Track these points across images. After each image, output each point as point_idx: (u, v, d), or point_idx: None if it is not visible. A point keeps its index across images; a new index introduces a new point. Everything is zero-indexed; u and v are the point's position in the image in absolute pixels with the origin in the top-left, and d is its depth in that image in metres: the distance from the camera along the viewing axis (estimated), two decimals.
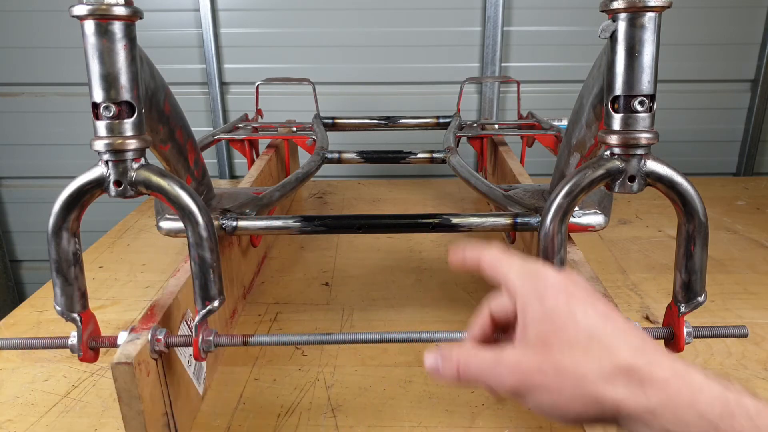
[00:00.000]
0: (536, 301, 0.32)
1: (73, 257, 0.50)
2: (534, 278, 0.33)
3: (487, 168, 1.26)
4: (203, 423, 0.59)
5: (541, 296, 0.32)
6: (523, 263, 0.34)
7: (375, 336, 0.52)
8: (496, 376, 0.31)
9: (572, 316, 0.31)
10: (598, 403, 0.29)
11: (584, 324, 0.30)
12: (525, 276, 0.33)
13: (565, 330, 0.30)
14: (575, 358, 0.30)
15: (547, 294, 0.32)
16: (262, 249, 0.95)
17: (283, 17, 1.51)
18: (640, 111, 0.49)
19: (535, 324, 0.31)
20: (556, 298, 0.31)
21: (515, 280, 0.34)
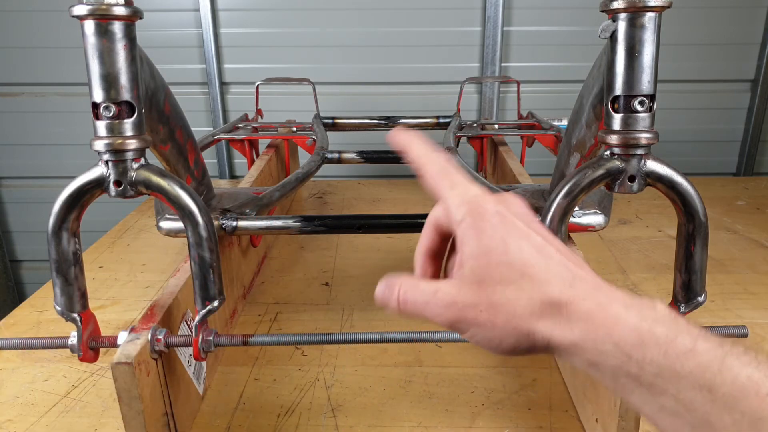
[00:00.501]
0: (473, 236, 0.32)
1: (73, 257, 0.50)
2: (473, 211, 0.32)
3: (487, 168, 1.25)
4: (203, 423, 0.59)
5: (479, 231, 0.32)
6: (464, 190, 0.34)
7: (375, 336, 0.52)
8: (432, 310, 0.32)
9: (507, 252, 0.31)
10: (529, 337, 0.30)
11: (518, 259, 0.31)
12: (464, 207, 0.33)
13: (499, 266, 0.31)
14: (507, 295, 0.30)
15: (485, 229, 0.32)
16: (262, 249, 0.95)
17: (283, 17, 1.51)
18: (640, 111, 0.49)
19: (471, 260, 0.31)
20: (493, 233, 0.31)
21: (454, 209, 0.33)
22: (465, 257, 0.32)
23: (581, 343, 0.29)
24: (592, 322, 0.29)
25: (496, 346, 0.31)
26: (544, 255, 0.31)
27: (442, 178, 0.35)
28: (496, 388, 0.63)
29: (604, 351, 0.29)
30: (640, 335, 0.28)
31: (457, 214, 0.33)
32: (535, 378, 0.65)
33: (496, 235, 0.31)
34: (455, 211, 0.33)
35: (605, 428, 0.52)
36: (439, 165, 0.35)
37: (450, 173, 0.35)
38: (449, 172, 0.35)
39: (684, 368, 0.27)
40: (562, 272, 0.31)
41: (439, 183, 0.35)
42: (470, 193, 0.33)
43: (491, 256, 0.31)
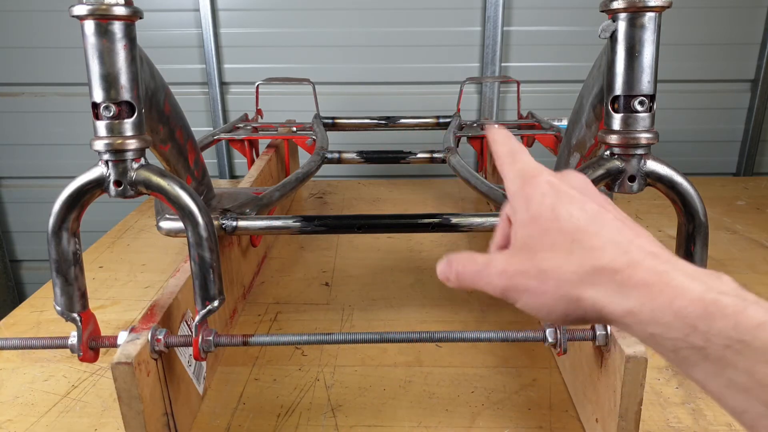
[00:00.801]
0: (523, 205, 0.31)
1: (73, 257, 0.50)
2: (525, 181, 0.32)
3: (487, 168, 1.26)
4: (203, 423, 0.59)
5: (528, 200, 0.31)
6: (523, 165, 0.33)
7: (375, 336, 0.52)
8: (485, 279, 0.32)
9: (556, 218, 0.30)
10: (579, 304, 0.29)
11: (568, 226, 0.30)
12: (518, 179, 0.33)
13: (549, 233, 0.30)
14: (556, 261, 0.30)
15: (534, 197, 0.31)
16: (262, 249, 0.95)
17: (283, 17, 1.51)
18: (640, 111, 0.49)
19: (521, 228, 0.31)
20: (542, 201, 0.31)
21: (510, 183, 0.33)
22: (516, 226, 0.32)
23: (637, 312, 0.28)
24: (649, 291, 0.27)
25: (547, 313, 0.31)
26: (597, 221, 0.30)
27: (507, 157, 0.35)
28: (496, 388, 0.63)
29: (664, 322, 0.27)
30: (705, 306, 0.26)
31: (512, 185, 0.33)
32: (535, 378, 0.65)
33: (545, 201, 0.31)
34: (511, 184, 0.33)
35: (605, 428, 0.52)
36: (508, 147, 0.35)
37: (516, 154, 0.34)
38: (515, 152, 0.34)
39: (757, 340, 0.25)
40: (616, 238, 0.29)
41: (503, 162, 0.35)
42: (528, 166, 0.33)
43: (540, 222, 0.31)
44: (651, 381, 0.64)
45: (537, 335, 0.52)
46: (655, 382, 0.64)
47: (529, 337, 0.52)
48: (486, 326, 0.76)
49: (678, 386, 0.63)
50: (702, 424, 0.58)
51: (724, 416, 0.59)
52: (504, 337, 0.52)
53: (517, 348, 0.71)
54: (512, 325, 0.76)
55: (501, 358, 0.69)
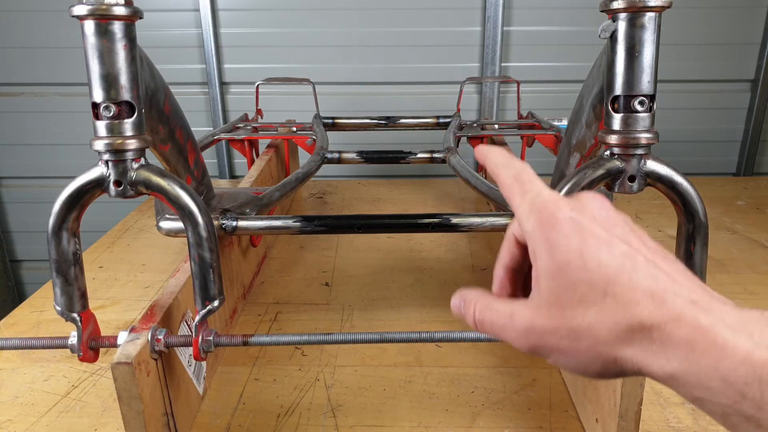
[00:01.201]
0: (546, 250, 0.28)
1: (73, 257, 0.50)
2: (543, 219, 0.29)
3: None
4: (203, 423, 0.59)
5: (552, 245, 0.28)
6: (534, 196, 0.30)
7: (375, 336, 0.52)
8: (509, 335, 0.30)
9: (585, 267, 0.27)
10: (617, 364, 0.27)
11: (598, 275, 0.27)
12: (535, 215, 0.29)
13: (578, 285, 0.27)
14: (588, 318, 0.27)
15: (558, 241, 0.28)
16: (262, 249, 0.95)
17: (283, 17, 1.51)
18: (640, 111, 0.49)
19: (547, 278, 0.28)
20: (568, 246, 0.28)
21: (524, 218, 0.30)
22: (540, 273, 0.29)
23: (681, 375, 0.25)
24: (692, 351, 0.24)
25: (582, 371, 0.29)
26: (628, 267, 0.27)
27: (513, 185, 0.32)
28: (496, 388, 0.63)
29: (711, 386, 0.24)
30: (754, 369, 0.23)
31: (527, 223, 0.30)
32: (535, 378, 0.65)
33: (571, 246, 0.28)
34: (525, 221, 0.30)
35: (605, 428, 0.52)
36: (512, 171, 0.32)
37: (522, 180, 0.31)
38: (522, 178, 0.32)
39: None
40: (651, 286, 0.26)
41: (510, 191, 0.32)
42: (541, 198, 0.30)
43: (567, 272, 0.27)
44: (651, 381, 0.63)
45: None
46: (655, 382, 0.64)
47: None
48: None
49: None
50: (702, 424, 0.58)
51: None
52: None
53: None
54: None
55: (501, 358, 0.69)
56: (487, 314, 0.31)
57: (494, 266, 0.35)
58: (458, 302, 0.33)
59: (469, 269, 0.92)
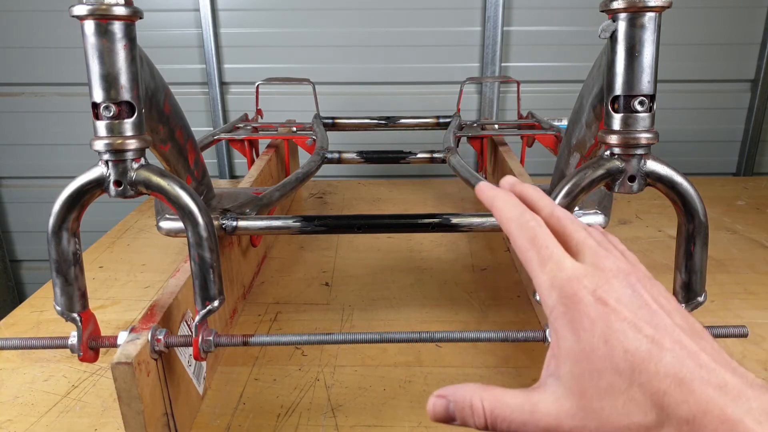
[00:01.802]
0: (570, 331, 0.27)
1: (73, 257, 0.50)
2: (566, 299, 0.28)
3: (487, 168, 1.26)
4: (203, 423, 0.59)
5: (574, 326, 0.27)
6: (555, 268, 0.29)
7: (375, 336, 0.52)
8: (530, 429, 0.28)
9: (610, 356, 0.26)
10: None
11: (624, 364, 0.26)
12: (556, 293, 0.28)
13: (603, 373, 0.26)
14: (617, 410, 0.26)
15: (581, 323, 0.27)
16: (262, 249, 0.95)
17: (283, 17, 1.51)
18: (640, 111, 0.49)
19: (570, 363, 0.27)
20: (593, 331, 0.26)
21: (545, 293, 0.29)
22: (562, 356, 0.28)
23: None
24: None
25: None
26: (655, 354, 0.26)
27: (529, 250, 0.30)
28: None
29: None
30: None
31: (548, 299, 0.29)
32: (535, 378, 0.65)
33: (595, 331, 0.26)
34: (546, 296, 0.29)
35: None
36: (528, 234, 0.30)
37: (539, 245, 0.30)
38: (539, 243, 0.30)
39: None
40: (679, 372, 0.25)
41: (527, 257, 0.30)
42: (563, 274, 0.28)
43: (592, 359, 0.26)
44: None
45: (537, 335, 0.52)
46: None
47: (529, 337, 0.52)
48: (486, 326, 0.76)
49: None
50: None
51: None
52: (504, 337, 0.52)
53: (517, 348, 0.71)
54: (512, 325, 0.76)
55: (501, 358, 0.69)
56: (500, 410, 0.28)
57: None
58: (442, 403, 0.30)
59: (469, 269, 0.92)
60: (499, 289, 0.85)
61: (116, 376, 0.46)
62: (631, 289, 0.28)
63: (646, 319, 0.27)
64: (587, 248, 0.30)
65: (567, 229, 0.32)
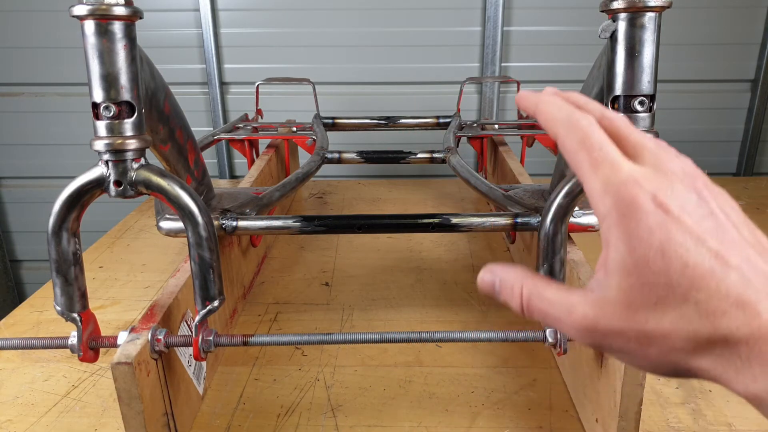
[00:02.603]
0: (624, 242, 0.24)
1: (73, 257, 0.50)
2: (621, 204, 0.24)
3: (487, 168, 1.25)
4: (203, 423, 0.59)
5: (630, 237, 0.24)
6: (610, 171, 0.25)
7: (375, 336, 0.52)
8: (566, 329, 0.26)
9: (667, 267, 0.23)
10: (691, 372, 0.24)
11: (681, 279, 0.23)
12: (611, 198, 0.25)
13: (656, 287, 0.23)
14: (664, 324, 0.24)
15: (639, 234, 0.24)
16: (262, 249, 0.95)
17: (283, 17, 1.51)
18: (640, 111, 0.49)
19: (619, 274, 0.25)
20: (650, 242, 0.24)
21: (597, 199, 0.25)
22: (612, 266, 0.25)
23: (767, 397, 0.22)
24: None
25: (648, 371, 0.26)
26: (718, 271, 0.23)
27: (579, 151, 0.27)
28: (496, 388, 0.63)
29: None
30: None
31: (601, 205, 0.25)
32: (535, 378, 0.65)
33: (653, 240, 0.24)
34: (598, 202, 0.26)
35: (605, 428, 0.52)
36: (578, 134, 0.27)
37: (592, 146, 0.26)
38: (591, 144, 0.26)
39: None
40: (742, 296, 0.22)
41: (577, 160, 0.27)
42: (619, 175, 0.25)
43: (645, 273, 0.24)
44: (651, 381, 0.64)
45: (537, 335, 0.52)
46: (655, 382, 0.64)
47: (529, 337, 0.52)
48: (486, 326, 0.76)
49: (678, 386, 0.63)
50: (702, 424, 0.58)
51: (724, 416, 0.59)
52: (504, 337, 0.52)
53: (517, 348, 0.71)
54: (512, 325, 0.76)
55: (501, 358, 0.69)
56: (538, 304, 0.27)
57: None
58: (491, 279, 0.29)
59: (469, 269, 0.92)
60: None
61: (116, 376, 0.46)
62: (697, 195, 0.25)
63: (711, 232, 0.24)
64: (646, 150, 0.27)
65: (622, 130, 0.28)
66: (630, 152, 0.27)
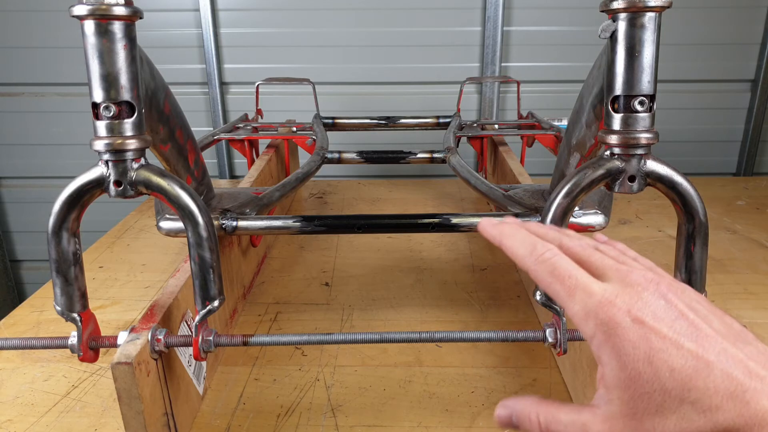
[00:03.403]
0: (613, 358, 0.27)
1: (73, 257, 0.50)
2: (605, 327, 0.28)
3: (487, 168, 1.26)
4: (203, 423, 0.59)
5: (616, 352, 0.27)
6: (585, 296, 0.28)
7: (375, 336, 0.52)
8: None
9: (657, 376, 0.26)
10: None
11: (672, 385, 0.26)
12: (592, 321, 0.28)
13: (653, 394, 0.26)
14: (668, 426, 0.26)
15: (623, 348, 0.27)
16: (262, 249, 0.95)
17: (282, 17, 1.51)
18: (640, 111, 0.49)
19: (618, 389, 0.27)
20: (635, 355, 0.26)
21: (581, 324, 0.29)
22: (609, 382, 0.28)
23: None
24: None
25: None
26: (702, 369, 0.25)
27: (554, 282, 0.30)
28: (496, 388, 0.63)
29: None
30: None
31: (586, 328, 0.28)
32: (535, 378, 0.65)
33: (638, 353, 0.26)
34: (582, 326, 0.29)
35: None
36: (546, 267, 0.30)
37: (562, 275, 0.30)
38: (560, 273, 0.30)
39: None
40: (729, 387, 0.25)
41: (553, 291, 0.30)
42: (594, 299, 0.28)
43: (639, 383, 0.26)
44: None
45: (537, 335, 0.52)
46: None
47: (529, 337, 0.52)
48: (486, 326, 0.76)
49: None
50: None
51: None
52: (504, 337, 0.52)
53: (517, 348, 0.71)
54: (512, 325, 0.76)
55: (501, 358, 0.69)
56: (556, 427, 0.29)
57: None
58: (507, 413, 0.32)
59: (469, 269, 0.92)
60: (499, 289, 0.85)
61: (116, 376, 0.46)
62: (664, 300, 0.28)
63: (685, 332, 0.27)
64: (608, 268, 0.30)
65: (581, 255, 0.31)
66: (595, 272, 0.30)
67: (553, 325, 0.51)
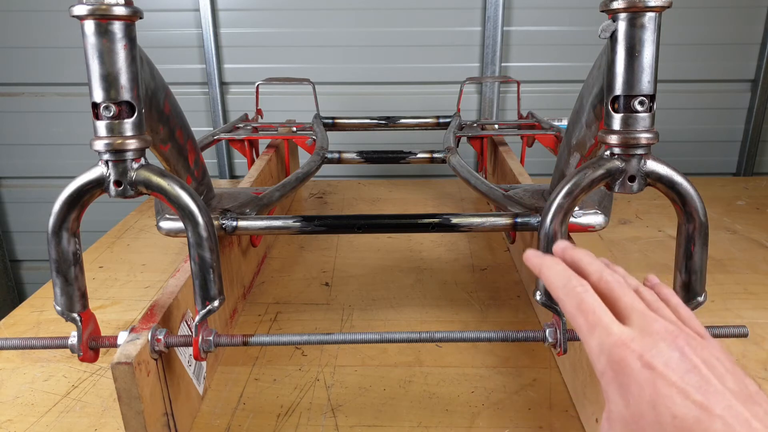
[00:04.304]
0: (619, 396, 0.29)
1: (73, 257, 0.50)
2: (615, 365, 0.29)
3: (487, 168, 1.26)
4: (203, 423, 0.59)
5: (624, 392, 0.28)
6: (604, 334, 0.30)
7: (375, 336, 0.52)
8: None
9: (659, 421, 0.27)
10: None
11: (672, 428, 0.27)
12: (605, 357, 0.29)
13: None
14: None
15: (630, 389, 0.28)
16: (262, 249, 0.95)
17: (282, 17, 1.51)
18: (640, 111, 0.49)
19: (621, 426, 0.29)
20: (641, 396, 0.28)
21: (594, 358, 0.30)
22: (613, 418, 0.29)
23: None
24: None
25: None
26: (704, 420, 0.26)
27: (578, 316, 0.32)
28: (496, 388, 0.63)
29: None
30: None
31: (598, 363, 0.30)
32: (535, 378, 0.65)
33: (643, 396, 0.28)
34: (595, 361, 0.30)
35: None
36: (574, 300, 0.32)
37: (586, 310, 0.31)
38: (586, 308, 0.31)
39: None
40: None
41: (576, 323, 0.32)
42: (611, 338, 0.30)
43: (641, 424, 0.28)
44: None
45: (537, 335, 0.52)
46: None
47: (529, 337, 0.52)
48: (486, 326, 0.76)
49: None
50: None
51: None
52: (504, 337, 0.52)
53: (517, 348, 0.71)
54: (512, 325, 0.76)
55: (501, 358, 0.69)
56: None
57: None
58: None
59: (469, 269, 0.92)
60: (499, 289, 0.85)
61: (116, 376, 0.46)
62: (679, 352, 0.29)
63: (695, 384, 0.27)
64: (635, 312, 0.31)
65: (615, 292, 0.33)
66: (621, 314, 0.32)
67: (553, 325, 0.51)
